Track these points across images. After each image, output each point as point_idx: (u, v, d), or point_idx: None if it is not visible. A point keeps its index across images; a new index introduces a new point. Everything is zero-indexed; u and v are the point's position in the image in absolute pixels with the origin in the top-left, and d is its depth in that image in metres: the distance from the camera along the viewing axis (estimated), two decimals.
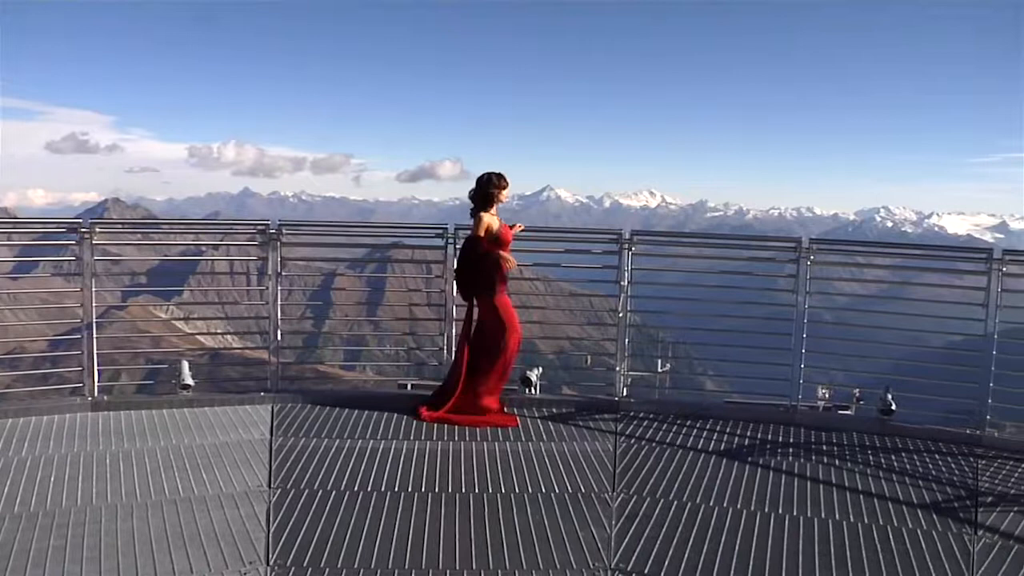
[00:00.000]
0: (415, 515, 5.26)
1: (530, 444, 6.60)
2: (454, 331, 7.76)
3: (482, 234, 7.09)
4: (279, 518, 5.17)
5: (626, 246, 7.58)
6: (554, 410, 7.47)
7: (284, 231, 7.65)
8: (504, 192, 7.21)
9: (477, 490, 5.66)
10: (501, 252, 7.11)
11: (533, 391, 7.76)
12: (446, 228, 7.76)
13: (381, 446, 6.43)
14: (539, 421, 7.19)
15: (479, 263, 7.12)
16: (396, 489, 5.64)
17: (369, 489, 5.63)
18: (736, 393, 8.68)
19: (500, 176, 7.18)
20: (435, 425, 6.92)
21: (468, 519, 5.23)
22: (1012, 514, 5.60)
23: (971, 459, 6.63)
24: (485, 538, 4.98)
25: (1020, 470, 6.46)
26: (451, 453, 6.33)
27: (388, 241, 8.92)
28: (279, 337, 7.67)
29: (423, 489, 5.64)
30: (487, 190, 7.14)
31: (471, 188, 7.24)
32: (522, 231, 7.49)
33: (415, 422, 6.97)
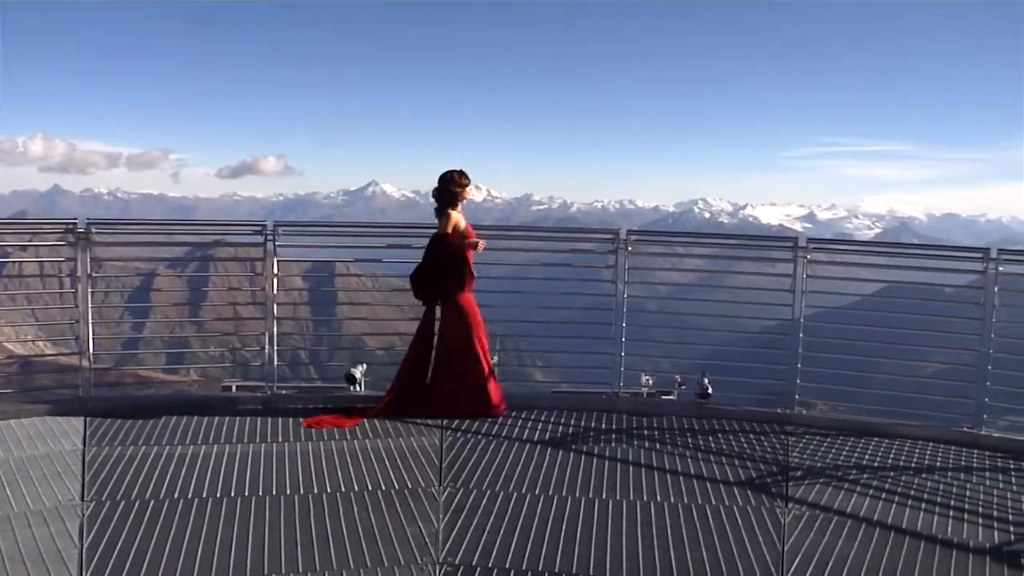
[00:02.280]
0: (239, 521, 5.11)
1: (355, 442, 6.55)
2: (276, 329, 7.64)
3: (451, 231, 7.13)
4: (93, 533, 4.90)
5: None
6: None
7: (94, 230, 7.33)
8: (468, 189, 7.29)
9: (303, 491, 5.57)
10: (470, 239, 7.19)
11: (358, 388, 7.71)
12: (265, 225, 7.61)
13: (203, 451, 6.25)
14: (365, 419, 7.15)
15: (450, 261, 7.17)
16: (218, 495, 5.46)
17: (190, 496, 5.43)
18: (564, 383, 8.87)
19: (463, 173, 7.25)
20: (260, 428, 6.80)
21: (293, 521, 5.12)
22: (819, 486, 5.98)
23: (782, 437, 7.05)
24: (311, 539, 4.89)
25: (826, 445, 6.93)
26: (275, 455, 6.21)
27: (210, 239, 8.64)
28: (91, 342, 7.35)
29: (246, 493, 5.50)
30: (452, 188, 7.18)
31: (434, 187, 7.26)
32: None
33: (238, 425, 6.81)
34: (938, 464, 6.64)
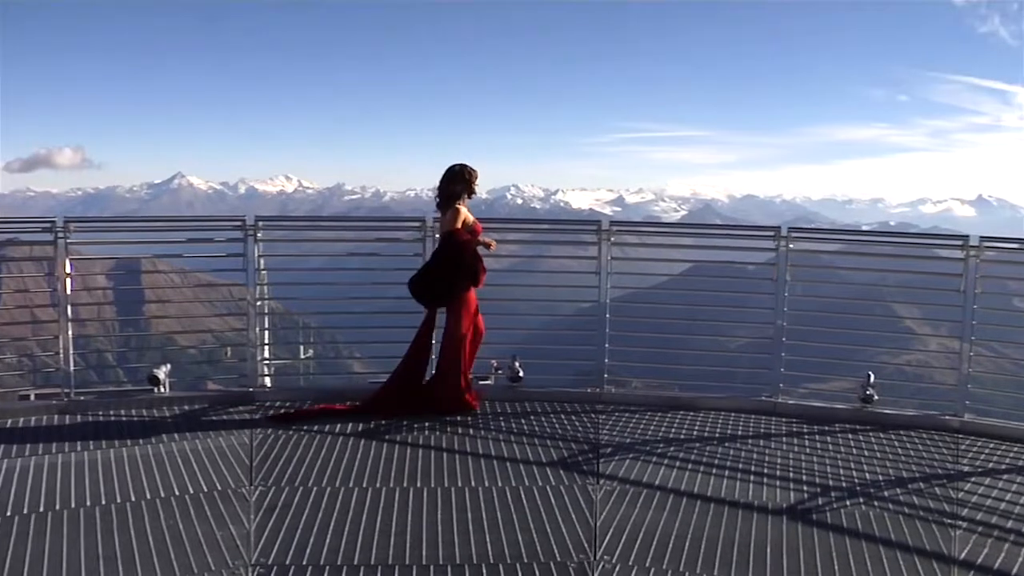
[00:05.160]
0: (33, 538, 4.82)
1: (160, 445, 6.34)
2: (70, 332, 7.31)
3: (459, 226, 7.02)
4: None
5: (250, 233, 7.50)
6: (187, 407, 7.27)
7: None
8: (477, 183, 7.18)
9: (104, 501, 5.33)
10: (481, 237, 7.24)
11: (163, 389, 7.46)
12: (54, 221, 7.26)
13: None
14: (171, 420, 6.96)
15: (459, 256, 7.04)
16: (9, 512, 5.15)
17: None
18: (384, 373, 8.88)
19: (470, 168, 7.14)
20: (57, 436, 6.52)
21: (95, 533, 4.88)
22: (628, 461, 6.24)
23: (593, 415, 7.30)
24: (115, 551, 4.66)
25: (635, 421, 7.22)
26: (74, 465, 5.93)
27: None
28: None
29: (42, 508, 5.21)
30: (458, 183, 7.12)
31: (441, 181, 7.13)
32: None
33: (32, 435, 6.48)
34: (740, 433, 7.05)
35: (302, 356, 8.91)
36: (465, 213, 7.16)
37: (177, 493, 5.49)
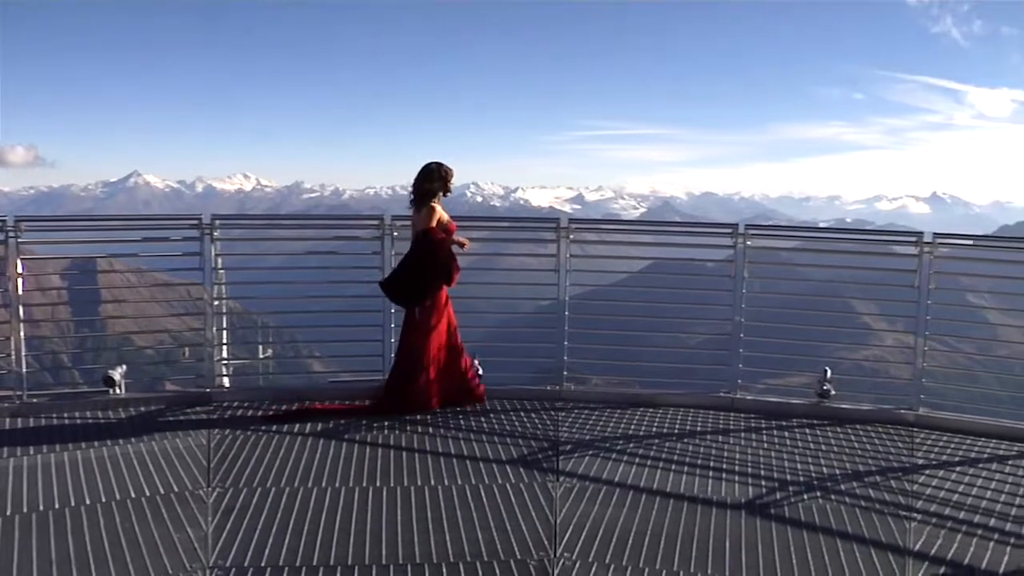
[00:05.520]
0: None
1: (116, 448, 6.26)
2: (23, 334, 7.22)
3: (434, 224, 7.01)
4: None
5: (207, 232, 7.44)
6: (143, 408, 7.20)
7: None
8: (452, 181, 7.22)
9: (58, 504, 5.26)
10: (454, 237, 7.27)
11: (118, 391, 7.37)
12: (5, 220, 7.15)
13: None
14: (127, 422, 6.90)
15: (434, 255, 7.05)
16: None
17: None
18: (344, 372, 8.86)
19: (445, 166, 7.17)
20: (10, 439, 6.45)
21: (47, 537, 4.82)
22: (588, 458, 6.27)
23: (552, 413, 7.34)
24: (68, 556, 4.60)
25: (595, 418, 7.26)
26: (27, 468, 5.86)
27: None
28: None
29: None
30: (433, 182, 7.13)
31: (416, 179, 7.12)
32: None
33: None
34: (699, 428, 7.11)
35: (261, 356, 8.87)
36: (440, 212, 7.17)
37: (133, 495, 5.43)
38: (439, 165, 7.20)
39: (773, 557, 4.76)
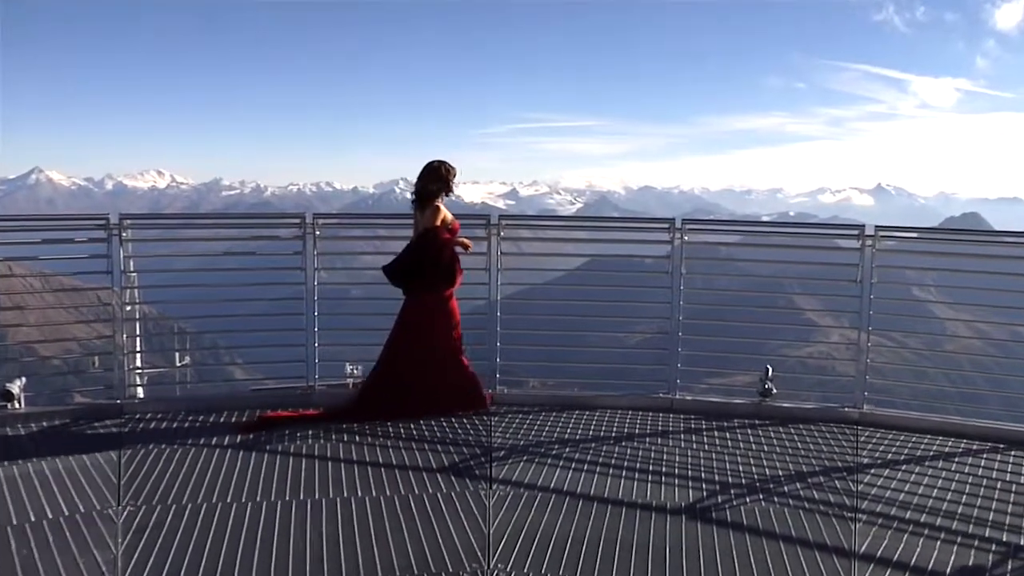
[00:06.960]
0: None
1: (15, 467, 5.98)
2: None
3: (439, 223, 6.99)
4: None
5: (115, 232, 7.23)
6: (45, 423, 6.95)
7: None
8: (455, 180, 7.20)
9: None
10: (457, 238, 7.30)
11: (17, 405, 7.09)
12: None
13: None
14: (27, 438, 6.66)
15: (438, 255, 7.06)
16: None
17: None
18: (269, 379, 8.69)
19: (448, 165, 7.15)
20: None
21: None
22: (522, 464, 6.24)
23: (484, 418, 7.28)
24: None
25: (529, 422, 7.22)
26: None
27: None
28: None
29: None
30: (435, 181, 7.16)
31: (419, 178, 7.15)
32: None
33: None
34: (637, 431, 7.11)
35: (178, 364, 8.64)
36: (444, 211, 7.18)
37: (33, 519, 5.17)
38: (441, 163, 7.22)
39: (715, 563, 4.75)
